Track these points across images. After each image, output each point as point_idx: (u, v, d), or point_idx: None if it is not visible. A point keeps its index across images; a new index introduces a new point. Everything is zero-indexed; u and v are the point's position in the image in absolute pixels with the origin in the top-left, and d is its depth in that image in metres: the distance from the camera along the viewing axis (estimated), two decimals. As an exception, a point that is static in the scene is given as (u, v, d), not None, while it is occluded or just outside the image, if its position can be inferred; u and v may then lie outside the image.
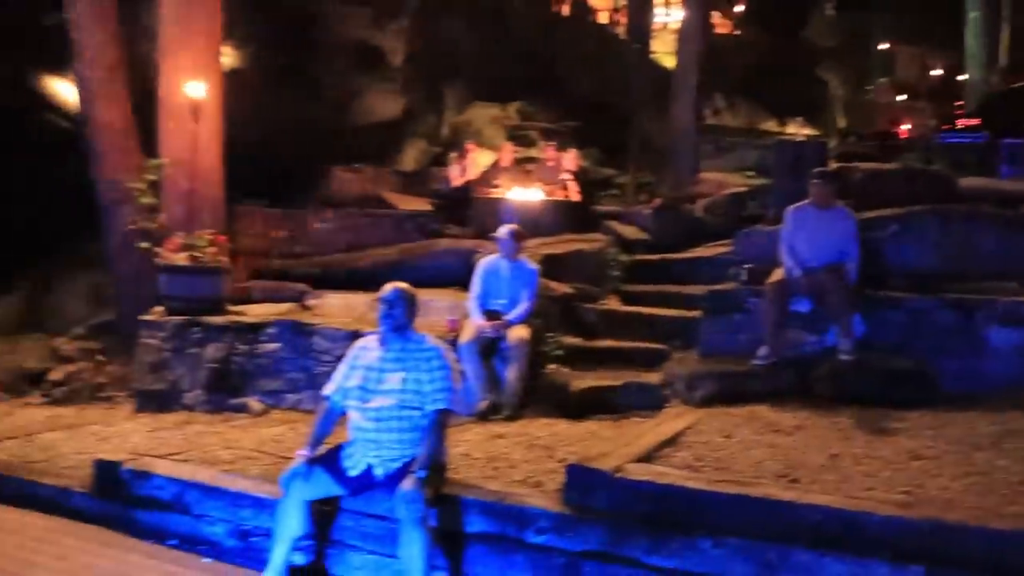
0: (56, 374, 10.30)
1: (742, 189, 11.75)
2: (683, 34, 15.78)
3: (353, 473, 4.61)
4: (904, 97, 26.75)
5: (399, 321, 4.65)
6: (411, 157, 18.21)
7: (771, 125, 23.59)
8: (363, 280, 8.81)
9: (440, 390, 4.57)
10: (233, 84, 11.09)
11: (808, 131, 20.76)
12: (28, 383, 10.93)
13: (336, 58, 17.25)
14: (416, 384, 4.56)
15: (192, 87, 9.72)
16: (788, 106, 23.63)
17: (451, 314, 7.97)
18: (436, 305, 8.37)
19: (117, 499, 5.62)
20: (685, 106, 14.87)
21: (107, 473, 5.72)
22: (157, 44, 10.09)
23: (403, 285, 4.75)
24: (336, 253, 10.80)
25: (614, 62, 19.61)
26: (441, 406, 4.56)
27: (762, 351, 6.90)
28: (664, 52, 20.92)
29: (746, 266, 7.77)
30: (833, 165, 10.20)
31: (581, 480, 4.41)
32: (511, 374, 7.19)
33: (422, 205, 12.75)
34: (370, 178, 14.60)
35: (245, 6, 13.12)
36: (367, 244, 10.76)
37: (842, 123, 25.85)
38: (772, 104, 24.11)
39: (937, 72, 30.57)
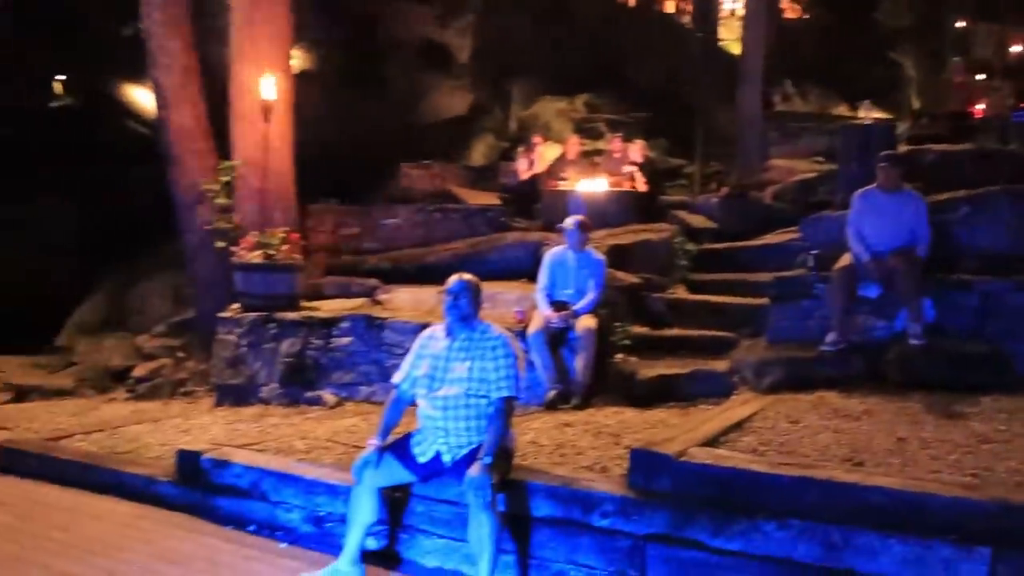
0: (139, 371, 10.67)
1: (811, 175, 11.64)
2: (748, 20, 15.63)
3: (422, 460, 4.73)
4: (982, 76, 26.02)
5: (464, 311, 4.75)
6: (479, 152, 18.37)
7: (843, 110, 23.19)
8: (433, 274, 8.94)
9: (505, 378, 4.65)
10: (303, 85, 11.33)
11: (880, 114, 20.38)
12: (113, 380, 11.37)
13: (403, 57, 17.47)
14: (482, 372, 4.65)
15: (262, 90, 9.96)
16: (860, 90, 23.22)
17: (519, 305, 8.07)
18: (505, 297, 8.49)
19: (198, 487, 5.84)
20: (752, 93, 14.75)
21: (189, 462, 5.94)
22: (228, 48, 10.35)
23: (468, 276, 4.84)
24: (406, 248, 10.96)
25: (681, 51, 19.51)
26: (506, 393, 4.64)
27: (830, 337, 6.86)
28: (731, 39, 20.70)
29: (813, 252, 7.74)
30: (904, 148, 10.08)
31: (645, 464, 4.46)
32: (579, 363, 7.28)
33: (490, 199, 12.88)
34: (439, 174, 14.77)
35: (313, 9, 13.38)
36: (436, 239, 10.91)
37: (917, 105, 25.31)
38: (844, 88, 23.72)
39: (1016, 49, 29.70)
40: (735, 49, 18.84)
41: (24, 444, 7.39)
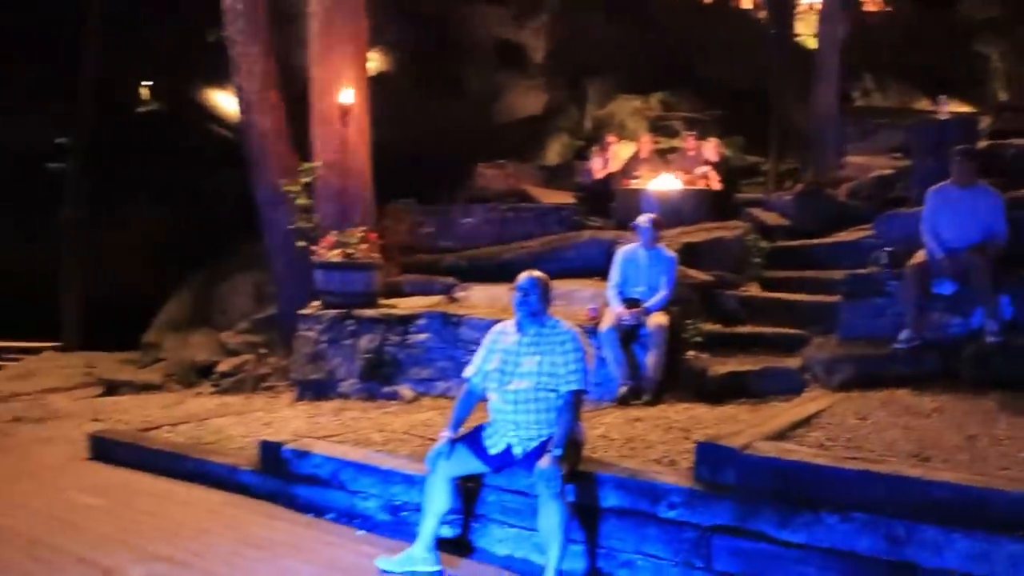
0: (223, 366, 11.03)
1: (887, 172, 11.50)
2: (824, 15, 15.43)
3: (494, 452, 4.87)
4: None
5: (534, 307, 4.88)
6: (554, 151, 18.48)
7: (925, 104, 22.73)
8: (508, 272, 9.04)
9: (574, 372, 4.77)
10: (381, 87, 11.57)
11: (961, 108, 19.97)
12: (198, 375, 11.78)
13: (478, 58, 17.68)
14: (551, 367, 4.78)
15: (340, 93, 10.21)
16: (943, 83, 22.76)
17: (592, 302, 8.17)
18: (578, 294, 8.61)
19: (280, 476, 6.08)
20: (827, 89, 14.57)
21: (271, 453, 6.19)
22: (307, 54, 10.62)
23: (537, 273, 4.98)
24: (482, 247, 11.13)
25: (757, 47, 19.34)
26: (575, 387, 4.76)
27: (904, 334, 6.82)
28: (809, 35, 20.45)
29: (887, 249, 7.68)
30: (984, 142, 9.92)
31: (711, 457, 4.54)
32: (650, 360, 7.35)
33: (565, 198, 12.99)
34: (513, 173, 14.93)
35: (390, 12, 13.63)
36: (511, 237, 11.07)
37: (1004, 98, 24.67)
38: (926, 82, 23.25)
39: (1108, 39, 28.73)
40: (813, 44, 18.63)
41: (117, 435, 7.77)
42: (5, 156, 19.39)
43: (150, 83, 21.53)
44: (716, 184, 11.93)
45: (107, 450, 7.51)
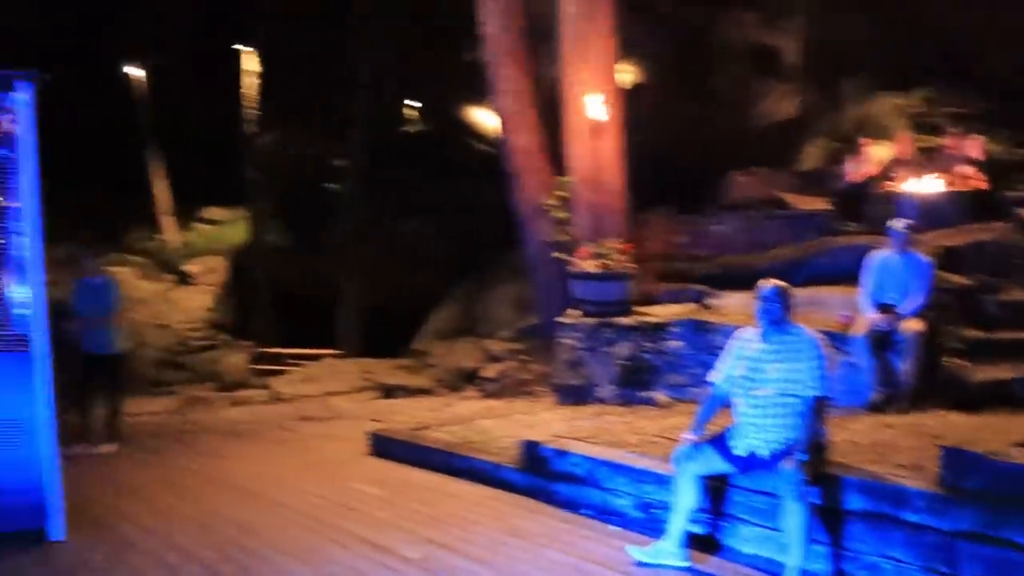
0: (488, 372, 11.74)
1: None
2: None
3: (739, 453, 5.09)
4: None
5: (776, 315, 5.08)
6: (811, 155, 18.11)
7: None
8: (760, 280, 9.21)
9: (816, 378, 4.93)
10: (635, 97, 11.88)
11: None
12: (464, 380, 12.58)
13: (731, 63, 17.65)
14: (794, 373, 4.96)
15: (592, 109, 10.61)
16: None
17: (845, 308, 8.13)
18: (830, 300, 8.58)
19: (539, 474, 6.58)
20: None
21: (531, 452, 6.70)
22: (560, 70, 11.11)
23: (778, 282, 5.17)
24: (734, 255, 11.21)
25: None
26: (817, 393, 4.92)
27: None
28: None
29: None
30: None
31: (956, 462, 4.54)
32: (905, 366, 7.26)
33: (820, 204, 12.80)
34: (767, 180, 14.83)
35: (642, 24, 13.94)
36: (764, 245, 11.07)
37: None
38: None
39: None
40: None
41: (394, 433, 8.55)
42: (285, 181, 21.38)
43: (418, 104, 22.99)
44: (981, 183, 11.42)
45: (385, 447, 8.30)
